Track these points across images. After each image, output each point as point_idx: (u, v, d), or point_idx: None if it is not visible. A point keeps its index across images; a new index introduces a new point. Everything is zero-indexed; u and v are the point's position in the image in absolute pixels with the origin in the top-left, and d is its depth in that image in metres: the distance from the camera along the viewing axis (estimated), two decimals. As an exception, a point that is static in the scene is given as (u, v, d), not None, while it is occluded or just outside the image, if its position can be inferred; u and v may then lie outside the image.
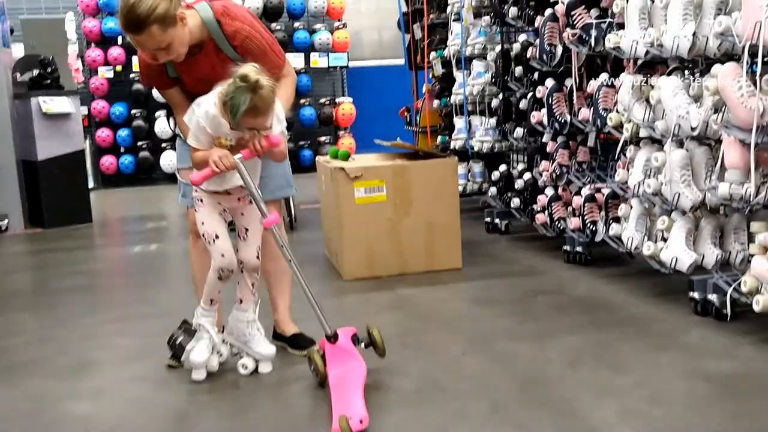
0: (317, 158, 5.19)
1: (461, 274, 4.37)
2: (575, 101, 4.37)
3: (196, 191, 2.79)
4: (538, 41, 4.64)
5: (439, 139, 6.90)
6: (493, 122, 5.62)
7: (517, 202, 5.20)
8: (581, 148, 4.49)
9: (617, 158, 3.96)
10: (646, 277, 3.97)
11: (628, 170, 3.77)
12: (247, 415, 2.57)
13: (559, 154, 4.56)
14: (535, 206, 4.86)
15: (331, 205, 4.61)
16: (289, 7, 10.23)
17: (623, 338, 3.11)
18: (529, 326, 3.36)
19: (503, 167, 5.55)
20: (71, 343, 3.46)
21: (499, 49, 5.34)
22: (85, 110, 9.33)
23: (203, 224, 2.80)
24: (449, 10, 6.22)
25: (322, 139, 10.52)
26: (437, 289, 4.08)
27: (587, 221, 4.27)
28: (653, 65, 3.84)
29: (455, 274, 4.36)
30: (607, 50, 3.87)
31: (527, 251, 4.89)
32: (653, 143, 3.69)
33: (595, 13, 4.13)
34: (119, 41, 10.19)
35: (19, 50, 8.07)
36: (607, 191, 4.15)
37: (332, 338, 2.71)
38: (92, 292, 4.56)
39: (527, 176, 5.14)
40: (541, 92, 4.63)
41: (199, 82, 2.74)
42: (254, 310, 2.94)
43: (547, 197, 4.69)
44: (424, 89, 7.24)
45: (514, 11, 4.98)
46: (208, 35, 2.73)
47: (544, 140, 4.77)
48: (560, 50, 4.46)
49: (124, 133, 10.19)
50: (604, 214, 4.15)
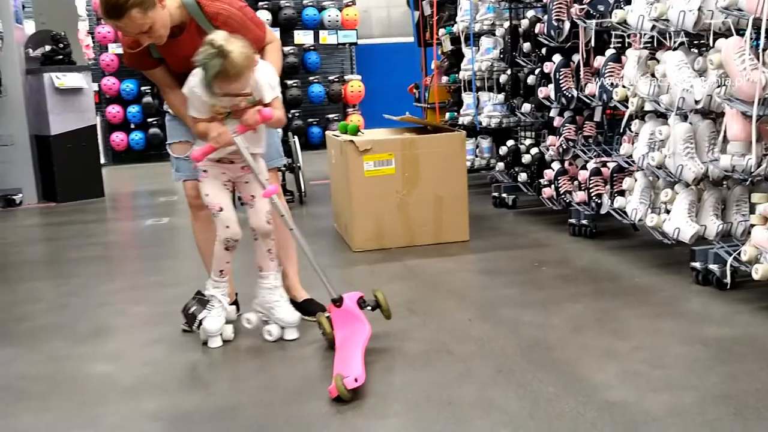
0: (327, 133, 5.25)
1: (468, 246, 4.45)
2: (582, 76, 4.42)
3: (200, 162, 2.86)
4: (546, 17, 4.68)
5: (447, 115, 6.96)
6: (501, 98, 5.67)
7: (524, 176, 5.27)
8: (588, 122, 4.55)
9: (623, 132, 4.02)
10: (649, 248, 4.05)
11: (633, 144, 3.83)
12: (260, 375, 2.67)
13: (565, 128, 4.62)
14: (542, 180, 4.93)
15: (340, 178, 4.69)
16: (298, -16, 10.26)
17: (625, 306, 3.20)
18: (534, 295, 3.45)
19: (511, 142, 5.61)
20: (88, 309, 3.57)
21: (507, 25, 5.39)
22: (95, 87, 9.41)
23: (207, 195, 2.88)
24: (458, -14, 6.24)
25: (331, 116, 10.57)
26: (444, 260, 4.16)
27: (593, 195, 4.34)
28: (660, 40, 3.88)
29: (462, 246, 4.44)
30: (614, 25, 3.91)
31: (534, 225, 4.97)
32: (658, 117, 3.74)
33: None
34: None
35: (29, 27, 8.13)
36: (612, 165, 4.21)
37: (337, 302, 2.80)
38: (106, 262, 4.67)
39: (534, 151, 5.21)
40: (548, 68, 4.68)
41: (183, 61, 2.74)
42: (275, 276, 3.01)
43: (553, 171, 4.75)
44: (433, 66, 7.28)
45: (522, -13, 5.02)
46: (188, 17, 2.78)
47: (551, 115, 4.83)
48: (568, 26, 4.51)
49: (134, 109, 10.27)
50: (609, 187, 4.22)
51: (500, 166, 5.71)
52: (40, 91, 7.06)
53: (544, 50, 4.90)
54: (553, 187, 4.75)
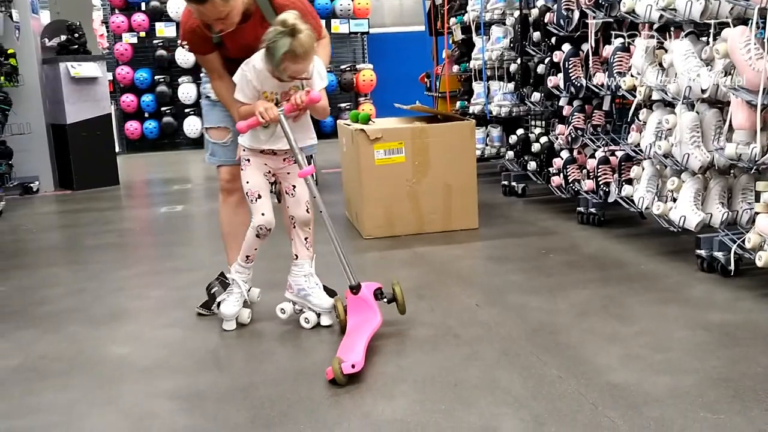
0: (338, 122, 5.32)
1: (477, 233, 4.51)
2: (591, 66, 4.46)
3: (243, 151, 2.95)
4: (555, 6, 4.72)
5: (458, 104, 7.00)
6: (511, 87, 5.71)
7: (533, 165, 5.32)
8: (596, 111, 4.58)
9: (631, 121, 4.06)
10: (655, 236, 4.10)
11: (641, 133, 3.87)
12: (272, 357, 2.75)
13: (574, 117, 4.66)
14: (551, 169, 4.98)
15: (351, 166, 4.75)
16: (310, -27, 10.29)
17: (630, 292, 3.25)
18: (541, 281, 3.50)
19: (521, 131, 5.65)
20: (105, 294, 3.66)
21: (517, 14, 5.42)
22: (110, 76, 9.52)
23: (248, 183, 2.96)
24: (469, -25, 6.27)
25: (342, 105, 10.63)
26: (453, 247, 4.23)
27: (601, 183, 4.38)
28: (667, 29, 3.91)
29: (471, 233, 4.51)
30: (622, 15, 3.95)
31: (542, 213, 5.02)
32: (666, 106, 3.78)
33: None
34: (143, 7, 10.32)
35: (45, 17, 8.22)
36: (620, 154, 4.25)
37: (354, 289, 2.86)
38: (122, 248, 4.76)
39: (544, 140, 5.25)
40: (558, 57, 4.72)
41: (241, 49, 2.87)
42: (310, 264, 3.08)
43: (562, 160, 4.80)
44: (443, 55, 7.32)
45: (532, -24, 5.04)
46: (255, 6, 2.88)
47: (560, 104, 4.88)
48: (577, 15, 4.54)
49: (148, 98, 10.37)
50: (617, 176, 4.26)
51: (510, 154, 5.76)
52: (56, 80, 7.17)
53: (553, 39, 4.93)
54: (562, 175, 4.80)
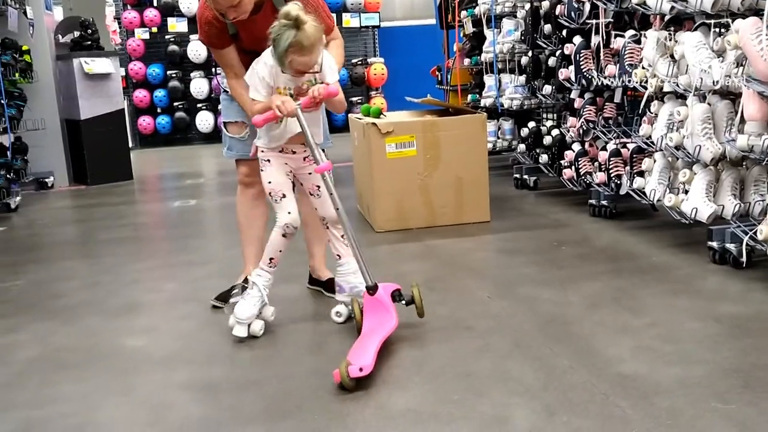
0: (350, 116, 5.34)
1: (489, 226, 4.53)
2: (602, 58, 4.45)
3: (262, 152, 2.91)
4: (566, -1, 4.71)
5: (469, 97, 7.00)
6: (522, 80, 5.71)
7: (545, 158, 5.32)
8: (608, 104, 4.58)
9: (642, 113, 4.06)
10: (667, 228, 4.10)
11: (652, 125, 3.87)
12: (285, 351, 2.77)
13: (586, 110, 4.66)
14: (562, 161, 4.98)
15: (363, 160, 4.77)
16: (321, -33, 10.29)
17: (642, 284, 3.26)
18: (552, 273, 3.51)
19: (532, 124, 5.65)
20: (120, 287, 3.71)
21: (528, 7, 5.41)
22: (122, 72, 9.58)
23: (270, 183, 2.90)
24: (480, -32, 6.27)
25: (354, 99, 10.65)
26: (465, 240, 4.24)
27: (612, 175, 4.38)
28: (680, 21, 3.90)
29: (483, 226, 4.52)
30: (633, 6, 3.94)
31: (554, 206, 5.02)
32: (677, 98, 3.77)
33: (622, -31, 4.19)
34: (154, 2, 10.37)
35: (58, 13, 8.29)
36: (632, 146, 4.25)
37: (371, 290, 2.78)
38: (137, 242, 4.81)
39: (555, 132, 5.25)
40: (569, 49, 4.71)
41: (255, 40, 2.88)
42: (353, 260, 2.94)
43: (574, 152, 4.80)
44: (455, 48, 7.32)
45: (543, -31, 5.04)
46: None
47: (571, 97, 4.87)
48: (588, 7, 4.54)
49: (160, 93, 10.43)
50: (629, 168, 4.26)
51: (521, 147, 5.76)
52: (69, 76, 7.23)
53: (564, 32, 4.93)
54: (573, 168, 4.80)
